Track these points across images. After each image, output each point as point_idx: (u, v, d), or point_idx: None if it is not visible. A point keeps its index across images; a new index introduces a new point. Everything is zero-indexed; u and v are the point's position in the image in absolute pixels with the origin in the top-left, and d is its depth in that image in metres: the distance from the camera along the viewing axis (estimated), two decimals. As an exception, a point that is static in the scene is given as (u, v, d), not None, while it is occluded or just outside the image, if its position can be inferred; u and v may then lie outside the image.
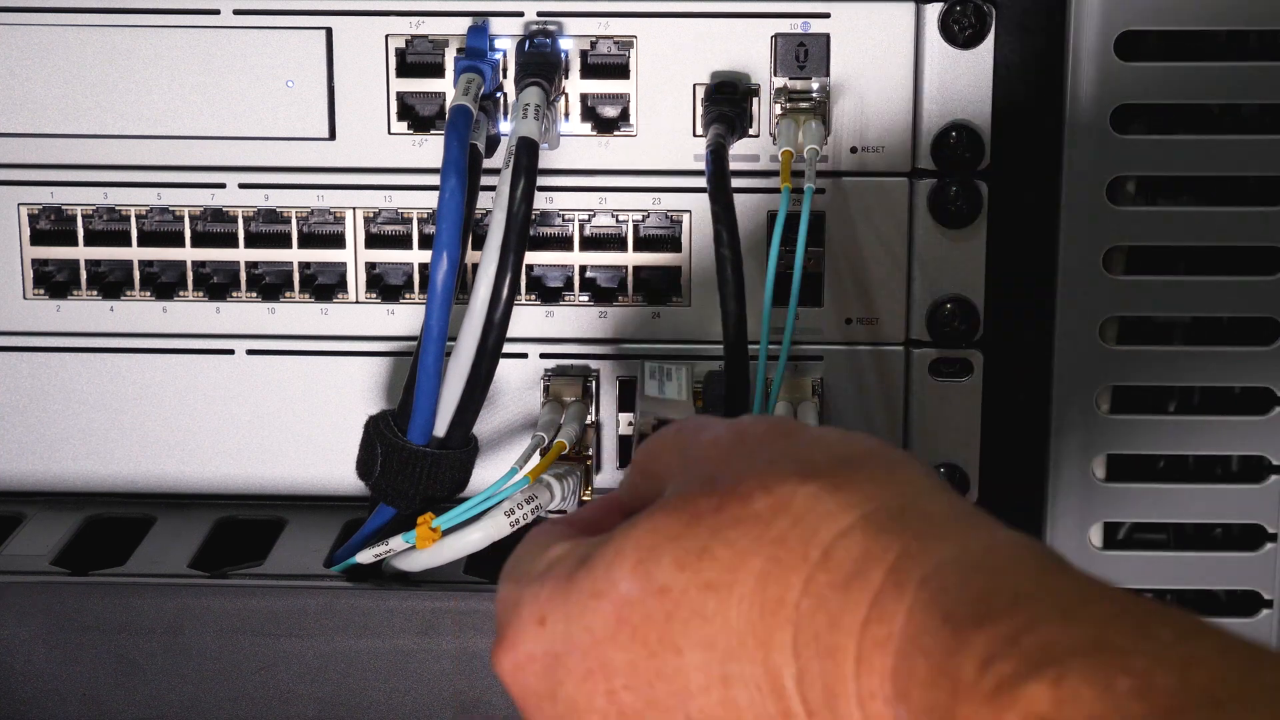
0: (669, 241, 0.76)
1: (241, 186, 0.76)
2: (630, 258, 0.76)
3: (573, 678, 0.48)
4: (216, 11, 0.74)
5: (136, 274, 0.77)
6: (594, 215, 0.76)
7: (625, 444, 0.77)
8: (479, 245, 0.70)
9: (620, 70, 0.74)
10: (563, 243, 0.76)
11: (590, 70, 0.74)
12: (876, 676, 0.42)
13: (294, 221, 0.76)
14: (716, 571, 0.46)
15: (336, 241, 0.76)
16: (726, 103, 0.73)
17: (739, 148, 0.73)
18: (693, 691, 0.46)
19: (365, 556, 0.71)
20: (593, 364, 0.77)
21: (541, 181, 0.73)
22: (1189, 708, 0.36)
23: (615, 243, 0.76)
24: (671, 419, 0.61)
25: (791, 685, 0.45)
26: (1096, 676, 0.37)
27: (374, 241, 0.76)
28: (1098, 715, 0.37)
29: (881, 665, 0.42)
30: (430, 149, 0.75)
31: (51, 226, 0.77)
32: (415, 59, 0.75)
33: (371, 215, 0.76)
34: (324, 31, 0.74)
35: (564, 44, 0.74)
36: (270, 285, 0.77)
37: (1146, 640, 0.38)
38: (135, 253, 0.77)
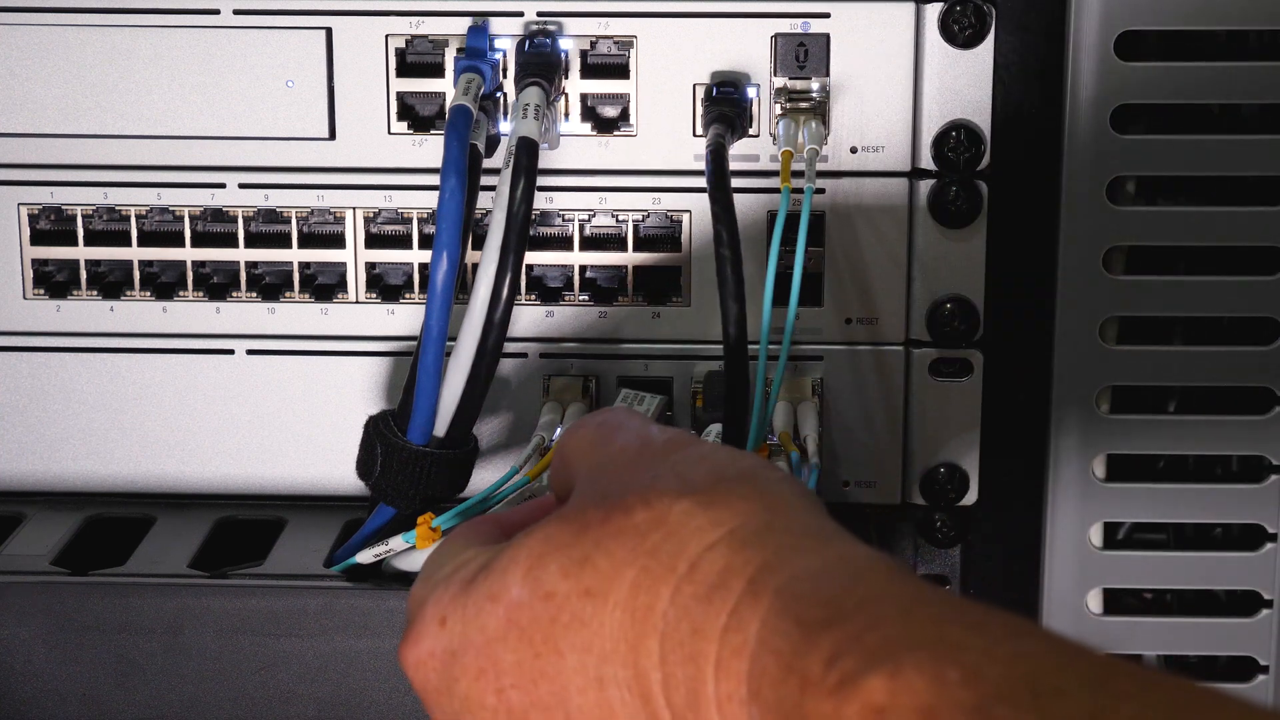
0: (669, 241, 0.76)
1: (241, 186, 0.76)
2: (630, 258, 0.76)
3: (467, 675, 0.52)
4: (216, 11, 0.74)
5: (136, 274, 0.77)
6: (594, 215, 0.76)
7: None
8: (479, 245, 0.70)
9: (620, 70, 0.74)
10: (563, 243, 0.76)
11: (590, 70, 0.74)
12: (733, 680, 0.45)
13: (294, 221, 0.76)
14: (596, 580, 0.49)
15: (336, 241, 0.76)
16: (726, 103, 0.73)
17: (739, 148, 0.73)
18: (571, 692, 0.49)
19: (365, 556, 0.71)
20: (593, 364, 0.77)
21: (541, 181, 0.73)
22: (1012, 695, 0.39)
23: (615, 243, 0.76)
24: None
25: (658, 689, 0.47)
26: (929, 668, 0.40)
27: (374, 241, 0.76)
28: (929, 703, 0.40)
29: (737, 669, 0.45)
30: (430, 149, 0.75)
31: (51, 226, 0.77)
32: (415, 59, 0.75)
33: (371, 215, 0.76)
34: (324, 31, 0.74)
35: (564, 44, 0.74)
36: (270, 285, 0.77)
37: (978, 637, 0.41)
38: (135, 253, 0.77)
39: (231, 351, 0.77)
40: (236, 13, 0.74)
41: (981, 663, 0.40)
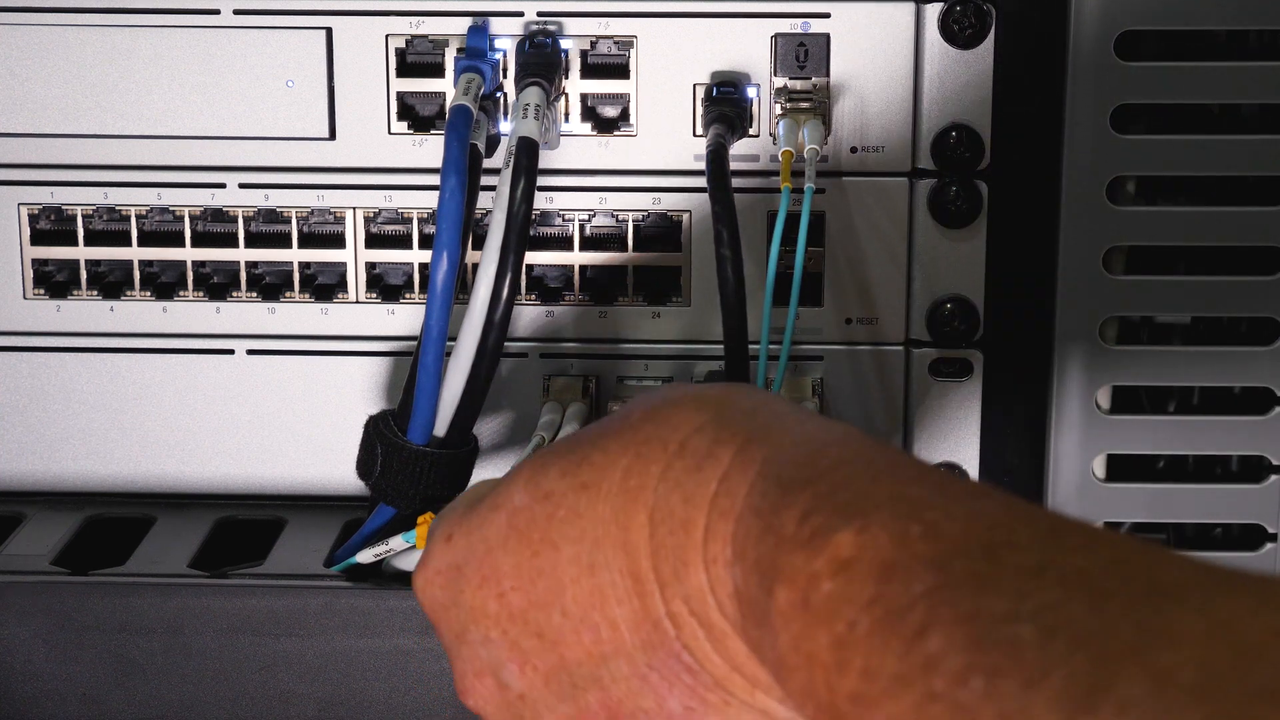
0: (669, 241, 0.76)
1: (241, 186, 0.76)
2: (630, 258, 0.76)
3: (470, 585, 0.53)
4: (216, 11, 0.74)
5: (136, 274, 0.77)
6: (594, 215, 0.76)
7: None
8: (479, 245, 0.70)
9: (620, 70, 0.74)
10: (563, 243, 0.76)
11: (590, 70, 0.74)
12: (719, 541, 0.47)
13: (294, 221, 0.76)
14: (591, 473, 0.51)
15: (336, 241, 0.76)
16: (726, 103, 0.73)
17: (739, 148, 0.73)
18: (566, 583, 0.51)
19: (365, 556, 0.71)
20: (593, 364, 0.77)
21: (541, 181, 0.73)
22: (968, 549, 0.41)
23: (615, 243, 0.76)
24: None
25: (646, 562, 0.49)
26: (894, 525, 0.42)
27: (374, 241, 0.76)
28: (891, 557, 0.42)
29: (725, 531, 0.47)
30: (430, 149, 0.75)
31: (51, 226, 0.77)
32: (415, 59, 0.75)
33: (371, 215, 0.76)
34: (324, 31, 0.74)
35: (564, 44, 0.74)
36: (270, 285, 0.77)
37: (940, 497, 0.43)
38: (135, 253, 0.77)
39: (231, 351, 0.77)
40: (236, 13, 0.74)
41: (941, 520, 0.42)
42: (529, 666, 0.52)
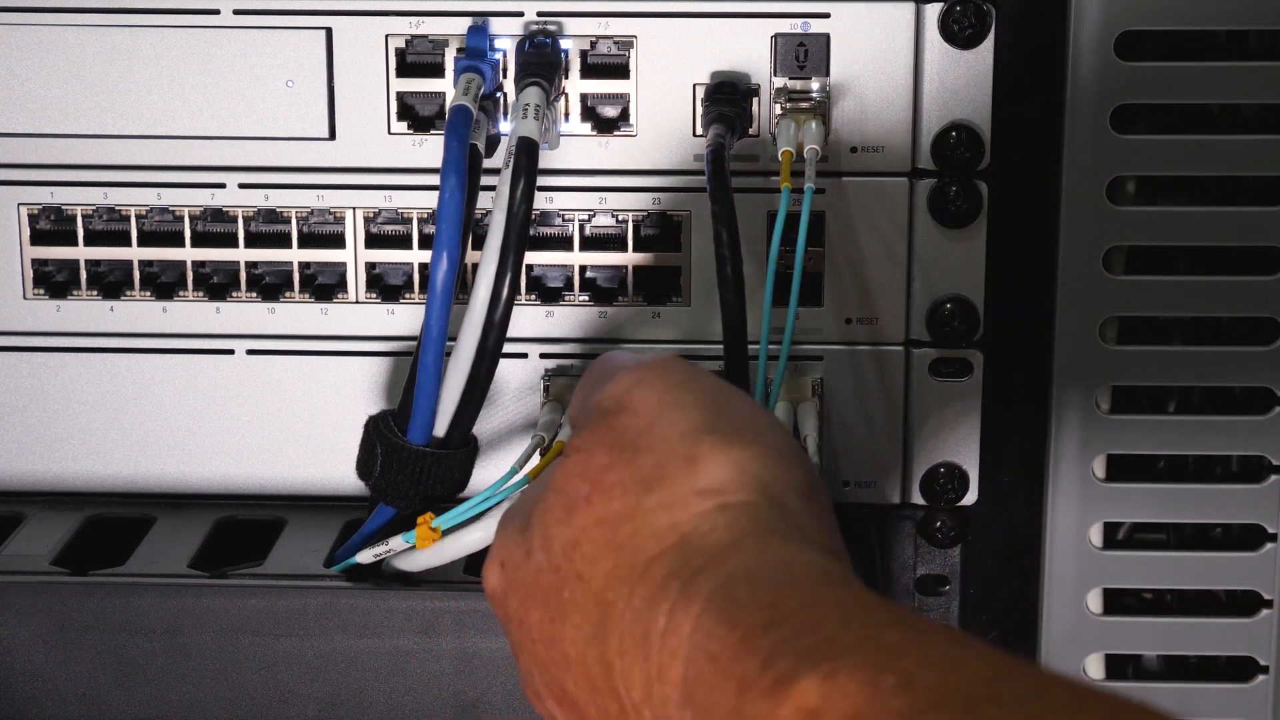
0: (669, 241, 0.76)
1: (241, 186, 0.76)
2: (630, 258, 0.76)
3: (513, 621, 0.55)
4: (216, 11, 0.74)
5: (136, 274, 0.77)
6: (594, 215, 0.76)
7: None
8: (479, 245, 0.70)
9: (620, 70, 0.74)
10: (563, 243, 0.76)
11: (590, 70, 0.74)
12: (669, 684, 0.46)
13: (294, 221, 0.76)
14: (584, 565, 0.52)
15: (336, 241, 0.76)
16: (726, 103, 0.73)
17: (739, 148, 0.73)
18: (572, 660, 0.51)
19: (365, 556, 0.71)
20: (593, 364, 0.77)
21: (541, 181, 0.73)
22: (945, 703, 0.39)
23: (615, 243, 0.76)
24: None
25: (620, 683, 0.49)
26: (865, 673, 0.41)
27: (374, 241, 0.76)
28: (862, 708, 0.40)
29: (674, 674, 0.46)
30: (430, 149, 0.75)
31: (51, 226, 0.77)
32: (415, 59, 0.75)
33: (371, 215, 0.76)
34: (324, 31, 0.74)
35: (564, 44, 0.74)
36: (270, 285, 0.77)
37: (915, 644, 0.41)
38: (135, 253, 0.77)
39: (231, 351, 0.77)
40: (236, 13, 0.74)
41: (917, 669, 0.40)
42: (564, 709, 0.53)
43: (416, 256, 0.76)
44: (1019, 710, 0.39)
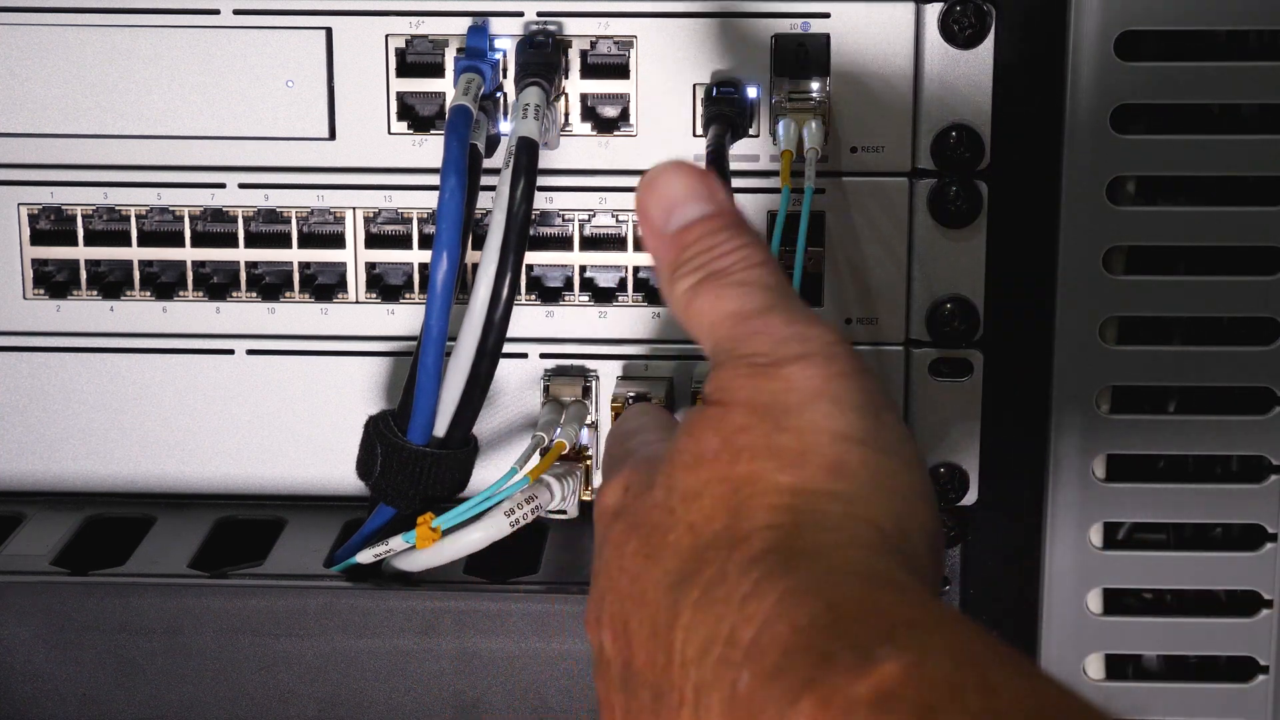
0: (669, 241, 0.76)
1: (241, 186, 0.76)
2: (630, 258, 0.76)
3: (609, 543, 0.54)
4: (216, 11, 0.74)
5: (136, 274, 0.77)
6: (594, 215, 0.76)
7: (625, 444, 0.77)
8: (479, 245, 0.70)
9: (620, 70, 0.74)
10: (563, 243, 0.76)
11: (590, 70, 0.74)
12: (735, 647, 0.47)
13: (294, 221, 0.76)
14: (697, 516, 0.51)
15: (336, 241, 0.76)
16: (726, 103, 0.73)
17: (739, 148, 0.73)
18: (645, 601, 0.51)
19: (365, 556, 0.71)
20: (592, 364, 0.77)
21: (541, 181, 0.73)
22: (1019, 714, 0.42)
23: (615, 243, 0.76)
24: None
25: (681, 633, 0.49)
26: (948, 670, 0.43)
27: (374, 241, 0.76)
28: (938, 702, 0.42)
29: (744, 636, 0.47)
30: (430, 149, 0.75)
31: (51, 226, 0.77)
32: (415, 59, 0.75)
33: (371, 215, 0.76)
34: (324, 31, 0.74)
35: (564, 44, 0.74)
36: (270, 285, 0.77)
37: (1000, 659, 0.45)
38: (135, 253, 0.77)
39: (231, 351, 0.77)
40: (236, 13, 0.74)
41: (1000, 680, 0.42)
42: (617, 644, 0.53)
43: (416, 256, 0.76)
44: None
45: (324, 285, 0.77)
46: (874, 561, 0.48)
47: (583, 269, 0.76)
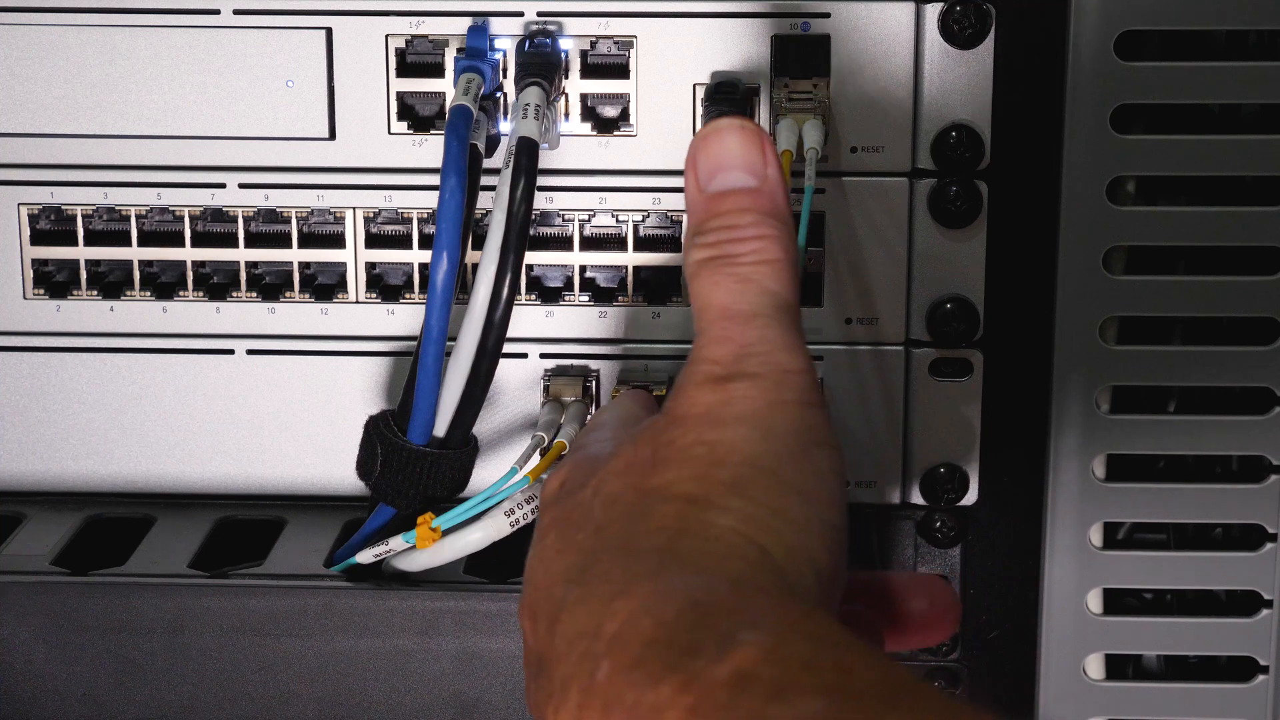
0: (669, 241, 0.76)
1: (241, 186, 0.76)
2: (630, 258, 0.76)
3: (539, 530, 0.56)
4: (216, 11, 0.74)
5: (136, 274, 0.77)
6: (594, 215, 0.76)
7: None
8: (479, 245, 0.70)
9: (620, 70, 0.74)
10: (563, 243, 0.76)
11: (590, 70, 0.74)
12: (600, 640, 0.48)
13: (294, 221, 0.76)
14: (605, 518, 0.53)
15: (336, 241, 0.76)
16: (726, 103, 0.73)
17: (739, 148, 0.73)
18: (547, 588, 0.53)
19: (365, 556, 0.71)
20: (593, 364, 0.77)
21: (541, 181, 0.73)
22: (873, 695, 0.43)
23: (615, 243, 0.76)
24: None
25: (565, 620, 0.51)
26: (805, 655, 0.44)
27: (374, 241, 0.76)
28: (790, 681, 0.43)
29: (609, 629, 0.48)
30: (430, 149, 0.75)
31: (51, 226, 0.77)
32: (415, 59, 0.75)
33: (371, 215, 0.76)
34: (324, 31, 0.74)
35: (564, 44, 0.74)
36: (270, 285, 0.77)
37: (861, 651, 0.45)
38: (135, 253, 0.77)
39: (231, 351, 0.77)
40: (236, 13, 0.74)
41: (857, 666, 0.44)
42: (531, 628, 0.54)
43: (416, 256, 0.76)
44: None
45: (324, 285, 0.77)
46: (749, 572, 0.49)
47: (583, 269, 0.76)
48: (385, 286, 0.77)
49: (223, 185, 0.76)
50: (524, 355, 0.77)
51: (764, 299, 0.55)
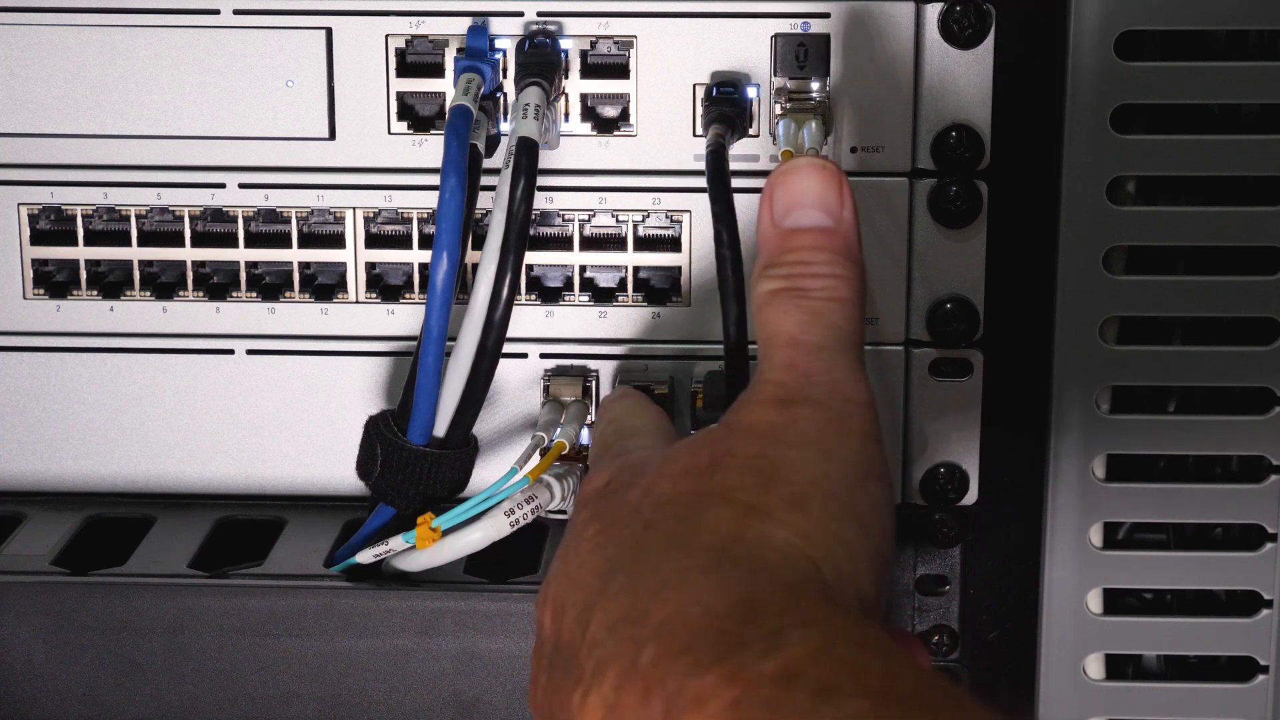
0: (669, 241, 0.76)
1: (241, 186, 0.76)
2: (630, 258, 0.76)
3: (576, 524, 0.57)
4: (216, 11, 0.74)
5: (136, 274, 0.77)
6: (594, 215, 0.76)
7: (625, 444, 0.77)
8: (479, 245, 0.70)
9: (620, 70, 0.74)
10: (563, 243, 0.76)
11: (590, 70, 0.74)
12: (645, 626, 0.49)
13: (294, 221, 0.76)
14: (656, 518, 0.54)
15: (336, 241, 0.76)
16: (726, 103, 0.73)
17: (739, 148, 0.73)
18: (581, 585, 0.53)
19: (365, 556, 0.71)
20: (593, 364, 0.77)
21: (541, 181, 0.73)
22: (915, 704, 0.44)
23: (615, 243, 0.76)
24: None
25: (598, 613, 0.51)
26: (856, 659, 0.45)
27: (374, 241, 0.76)
28: (836, 683, 0.44)
29: (656, 615, 0.49)
30: (430, 149, 0.75)
31: (51, 226, 0.77)
32: (415, 59, 0.75)
33: (371, 215, 0.76)
34: (324, 31, 0.74)
35: (564, 44, 0.74)
36: (270, 285, 0.77)
37: (903, 662, 0.45)
38: (135, 253, 0.77)
39: (231, 351, 0.77)
40: (236, 13, 0.74)
41: (901, 672, 0.44)
42: (552, 623, 0.54)
43: (416, 256, 0.76)
44: None
45: (324, 285, 0.77)
46: (799, 580, 0.50)
47: (583, 269, 0.76)
48: (385, 286, 0.77)
49: (223, 185, 0.76)
50: (524, 355, 0.77)
51: (831, 333, 0.57)
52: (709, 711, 0.45)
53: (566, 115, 0.74)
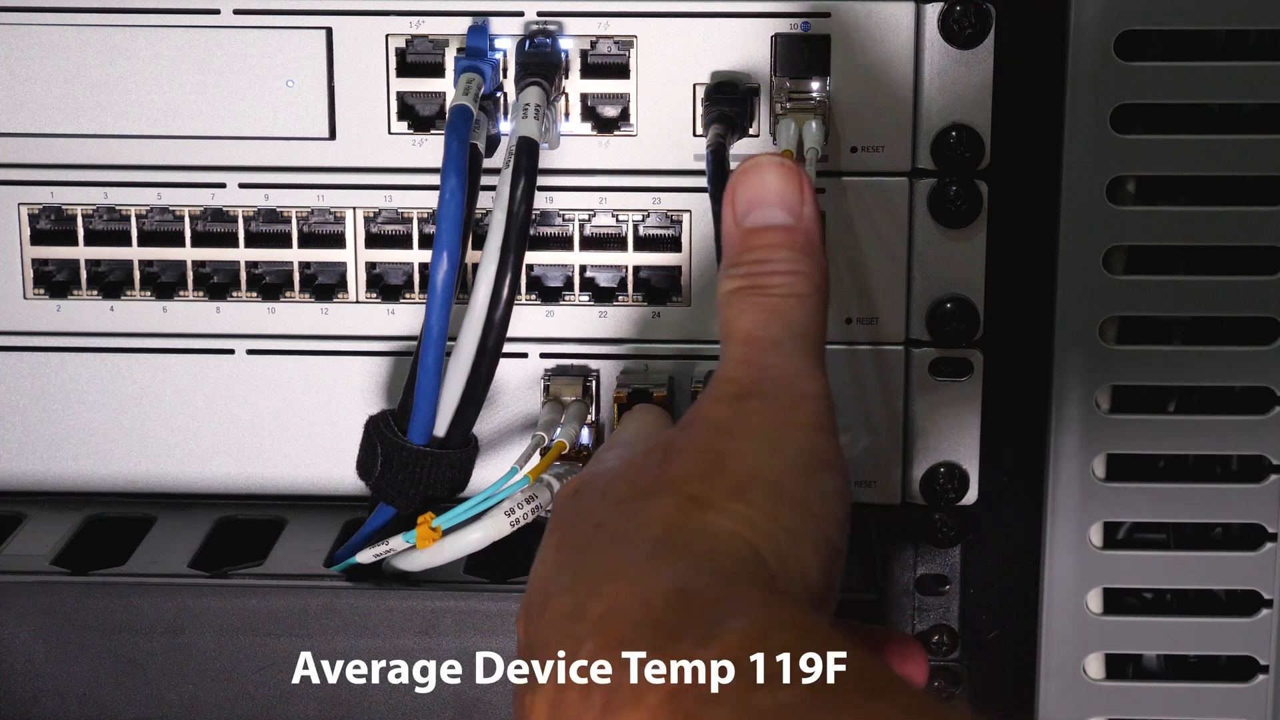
0: (669, 241, 0.76)
1: (241, 186, 0.76)
2: (630, 258, 0.76)
3: (548, 528, 0.57)
4: (216, 11, 0.74)
5: (136, 274, 0.77)
6: (594, 215, 0.76)
7: (625, 444, 0.77)
8: (479, 245, 0.70)
9: (620, 70, 0.74)
10: (563, 243, 0.76)
11: (590, 70, 0.74)
12: (586, 621, 0.49)
13: (294, 221, 0.76)
14: (607, 516, 0.54)
15: (336, 241, 0.76)
16: (726, 103, 0.73)
17: (739, 148, 0.73)
18: (541, 583, 0.54)
19: (365, 556, 0.71)
20: (593, 364, 0.77)
21: (541, 181, 0.73)
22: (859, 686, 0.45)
23: (615, 243, 0.76)
24: None
25: (552, 605, 0.52)
26: (794, 642, 0.45)
27: (374, 241, 0.76)
28: (793, 646, 0.45)
29: (594, 610, 0.49)
30: (430, 149, 0.75)
31: (51, 226, 0.77)
32: (415, 59, 0.75)
33: (371, 215, 0.76)
34: (324, 31, 0.74)
35: (564, 44, 0.74)
36: (270, 285, 0.77)
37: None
38: (135, 253, 0.77)
39: (231, 351, 0.77)
40: (236, 13, 0.74)
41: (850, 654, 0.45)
42: (521, 621, 0.54)
43: (416, 256, 0.76)
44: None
45: (324, 285, 0.77)
46: (739, 569, 0.50)
47: (583, 269, 0.76)
48: (385, 286, 0.77)
49: (223, 185, 0.76)
50: (524, 355, 0.77)
51: (788, 330, 0.57)
52: (647, 704, 0.45)
53: (566, 115, 0.74)
